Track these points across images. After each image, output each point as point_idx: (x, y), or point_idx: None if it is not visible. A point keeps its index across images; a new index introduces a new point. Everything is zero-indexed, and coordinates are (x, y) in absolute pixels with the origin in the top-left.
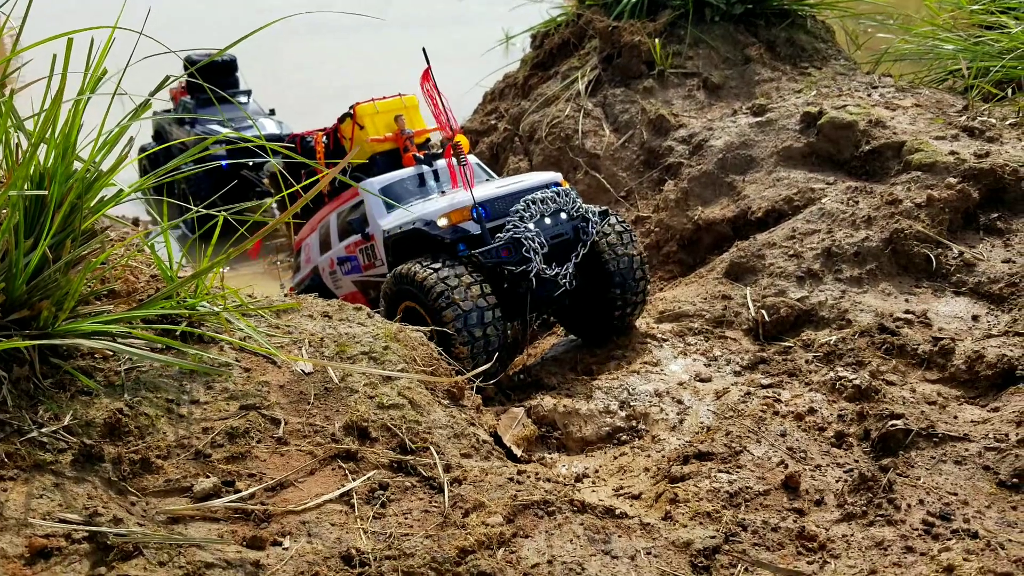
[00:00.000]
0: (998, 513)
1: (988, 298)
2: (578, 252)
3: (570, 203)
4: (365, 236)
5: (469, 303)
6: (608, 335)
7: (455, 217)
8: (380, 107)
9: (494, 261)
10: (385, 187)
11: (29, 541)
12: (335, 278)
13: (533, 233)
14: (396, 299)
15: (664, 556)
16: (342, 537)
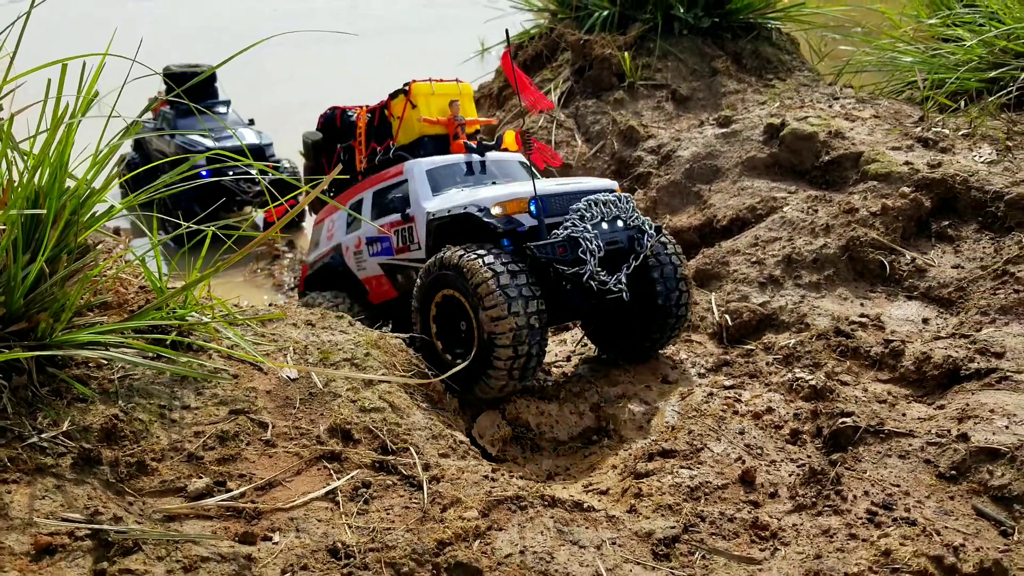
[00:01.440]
0: (936, 503)
1: (938, 302)
2: (630, 263)
3: (629, 211)
4: (405, 217)
5: (515, 291)
6: (640, 355)
7: (511, 207)
8: (437, 89)
9: (548, 257)
10: (431, 169)
11: (34, 539)
12: (360, 259)
13: (592, 235)
14: (434, 286)
15: (628, 545)
16: (328, 532)
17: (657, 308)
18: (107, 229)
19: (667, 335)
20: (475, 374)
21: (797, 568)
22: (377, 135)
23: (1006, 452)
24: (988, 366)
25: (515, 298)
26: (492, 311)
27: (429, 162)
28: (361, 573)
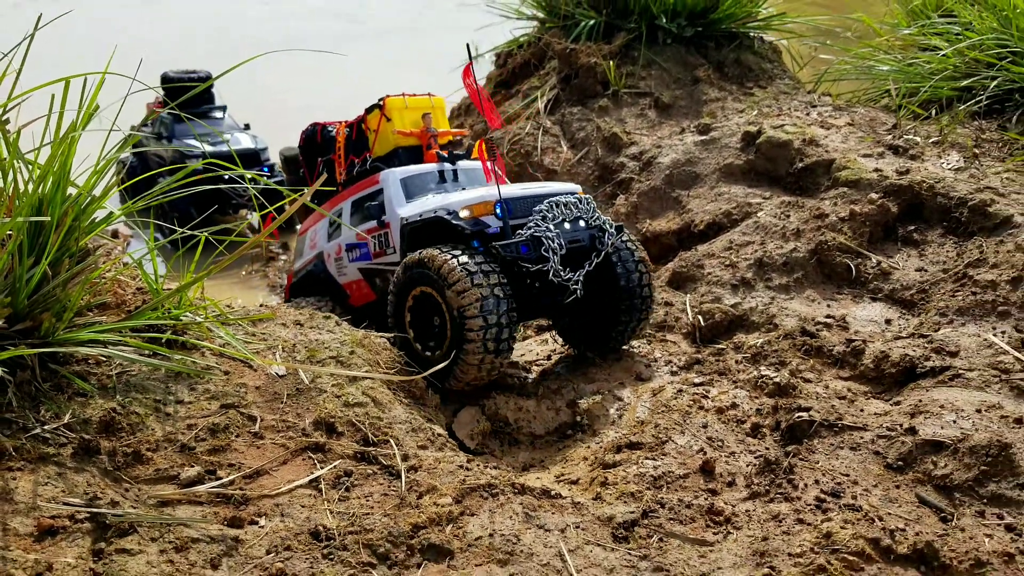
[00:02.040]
0: (882, 491)
1: (901, 303)
2: (592, 260)
3: (590, 212)
4: (380, 223)
5: (487, 289)
6: (606, 350)
7: (478, 210)
8: (410, 103)
9: (513, 256)
10: (406, 178)
11: (37, 521)
12: (340, 265)
13: (553, 234)
14: (409, 284)
15: (590, 529)
16: (311, 516)
17: (620, 291)
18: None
19: (635, 319)
20: (451, 361)
21: (745, 549)
22: (355, 148)
23: (950, 444)
24: (942, 364)
25: (482, 285)
26: (457, 286)
27: (403, 171)
28: (340, 553)
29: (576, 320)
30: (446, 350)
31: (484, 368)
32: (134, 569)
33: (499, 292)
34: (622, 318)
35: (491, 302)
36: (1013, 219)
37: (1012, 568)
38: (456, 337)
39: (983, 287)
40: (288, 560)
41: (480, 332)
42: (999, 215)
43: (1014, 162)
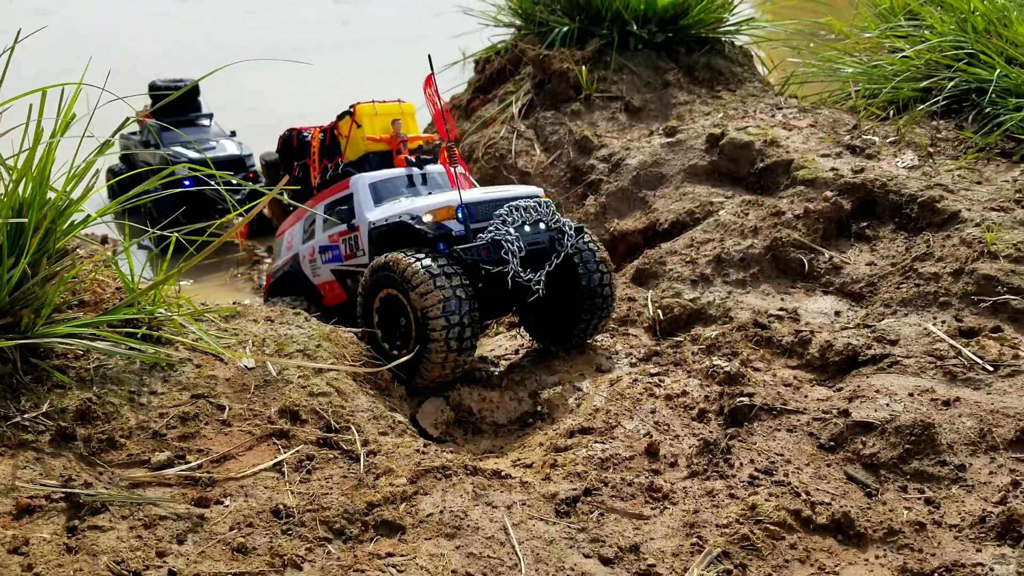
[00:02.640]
0: (813, 469)
1: (850, 296)
2: (552, 261)
3: (549, 215)
4: (350, 227)
5: (449, 291)
6: (569, 346)
7: (440, 215)
8: (379, 109)
9: (474, 259)
10: (375, 182)
11: (16, 501)
12: (314, 266)
13: (513, 237)
14: (376, 287)
15: (535, 505)
16: (273, 497)
17: (582, 291)
18: (95, 238)
19: (597, 316)
20: (417, 359)
21: (678, 522)
22: (328, 153)
23: (878, 425)
24: (883, 352)
25: (444, 287)
26: (420, 288)
27: (372, 176)
28: (299, 529)
29: (541, 317)
30: (411, 349)
31: (448, 366)
32: (105, 544)
33: (461, 293)
34: (584, 316)
35: (453, 303)
36: (960, 214)
37: (922, 535)
38: (421, 336)
39: (926, 279)
40: (249, 536)
41: (443, 332)
42: (947, 211)
43: (966, 160)
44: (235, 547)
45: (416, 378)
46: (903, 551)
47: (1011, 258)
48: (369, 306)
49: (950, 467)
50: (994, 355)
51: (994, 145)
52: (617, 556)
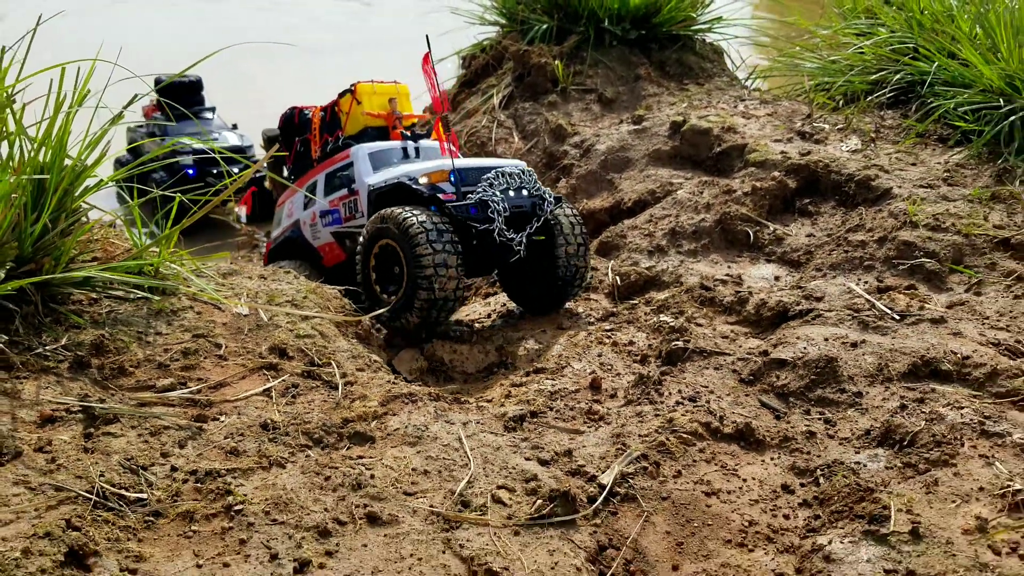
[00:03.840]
0: (732, 398)
1: (790, 263)
2: (533, 224)
3: (532, 183)
4: (351, 191)
5: (439, 244)
6: (546, 308)
7: (435, 177)
8: (378, 88)
9: (463, 216)
10: (374, 152)
11: (40, 412)
12: (315, 230)
13: (499, 199)
14: (376, 237)
15: (487, 423)
16: (262, 415)
17: (560, 264)
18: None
19: (573, 281)
20: (405, 304)
21: (607, 435)
22: (329, 128)
23: (791, 362)
24: (809, 307)
25: (435, 240)
26: (414, 240)
27: (371, 146)
28: (283, 438)
29: (521, 280)
30: (402, 295)
31: (432, 312)
32: (117, 446)
33: (450, 248)
34: (559, 281)
35: (442, 256)
36: (892, 191)
37: (812, 442)
38: (411, 283)
39: (855, 246)
40: (240, 442)
41: (431, 280)
42: (880, 188)
43: (905, 144)
44: (228, 450)
45: (403, 319)
46: (794, 454)
47: (929, 227)
48: (367, 254)
49: (848, 394)
50: (902, 307)
51: (933, 132)
52: (553, 459)
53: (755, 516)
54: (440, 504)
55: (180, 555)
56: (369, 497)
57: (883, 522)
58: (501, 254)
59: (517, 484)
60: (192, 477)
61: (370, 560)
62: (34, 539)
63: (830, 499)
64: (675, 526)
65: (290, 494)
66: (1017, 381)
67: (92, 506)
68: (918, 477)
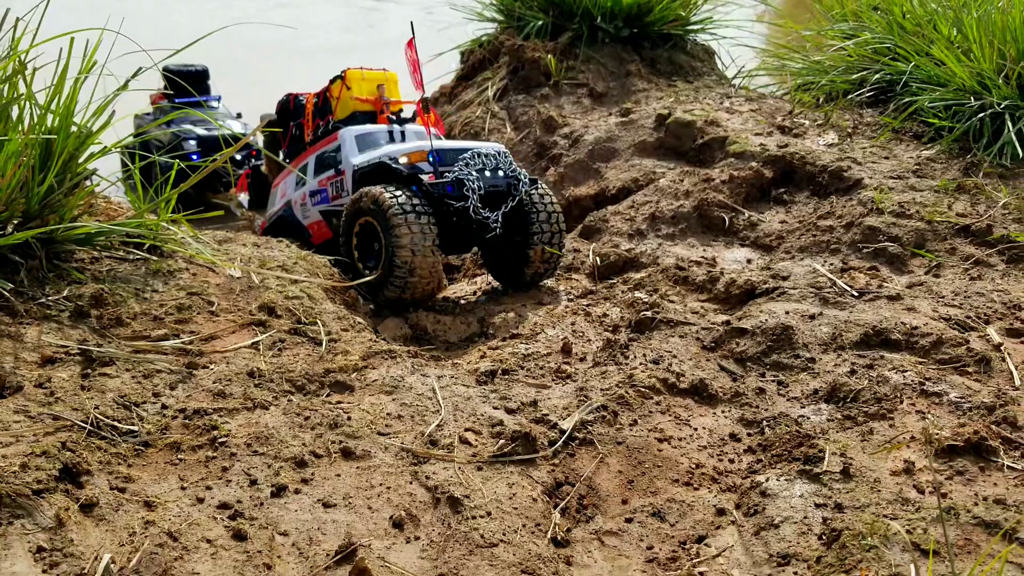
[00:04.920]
0: (693, 361)
1: (762, 248)
2: (507, 204)
3: (507, 164)
4: (337, 171)
5: (417, 225)
6: (522, 285)
7: (414, 157)
8: (367, 75)
9: (440, 194)
10: (360, 134)
11: (41, 354)
12: (305, 209)
13: (474, 178)
14: (356, 215)
15: (460, 377)
16: (249, 364)
17: (535, 242)
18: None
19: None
20: (383, 280)
21: (572, 389)
22: (321, 113)
23: (750, 331)
24: (775, 286)
25: (412, 218)
26: (393, 219)
27: (358, 129)
28: (268, 384)
29: (499, 257)
30: (381, 270)
31: (408, 289)
32: (112, 385)
33: (426, 226)
34: (534, 258)
35: (419, 233)
36: (863, 181)
37: (761, 397)
38: (389, 260)
39: (823, 231)
40: (228, 386)
41: (407, 257)
42: (852, 178)
43: (880, 140)
44: (215, 393)
45: (379, 296)
46: (744, 407)
47: (894, 213)
48: (349, 231)
49: (802, 359)
50: (862, 285)
51: (908, 129)
52: (519, 408)
53: (702, 460)
54: (411, 443)
55: (166, 478)
56: (345, 435)
57: (817, 463)
58: (478, 232)
59: (484, 428)
60: (181, 414)
61: (342, 487)
62: (32, 456)
63: (772, 445)
64: (627, 467)
65: (271, 431)
66: (960, 349)
67: (87, 434)
68: (855, 428)
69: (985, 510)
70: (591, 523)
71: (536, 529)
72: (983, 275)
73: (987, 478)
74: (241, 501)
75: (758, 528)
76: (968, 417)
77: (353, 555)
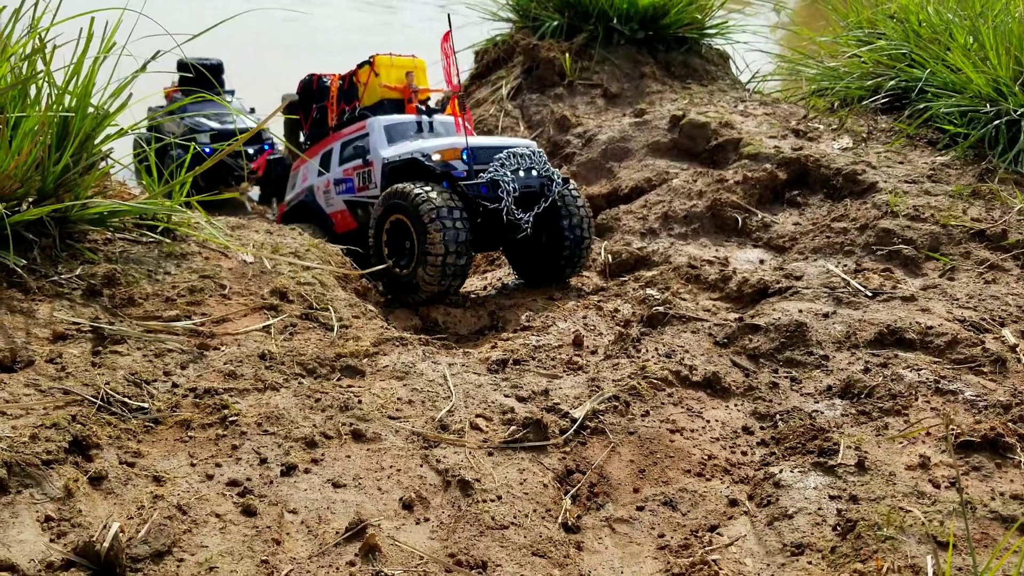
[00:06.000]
0: (706, 356)
1: (775, 248)
2: (540, 204)
3: (541, 163)
4: (365, 162)
5: (450, 221)
6: (549, 282)
7: (448, 155)
8: (396, 61)
9: (474, 195)
10: (389, 125)
11: (52, 330)
12: (328, 197)
13: (509, 179)
14: (388, 211)
15: (472, 365)
16: (260, 347)
17: (566, 240)
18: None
19: (576, 257)
20: (414, 277)
21: (584, 380)
22: (346, 98)
23: (763, 327)
24: (788, 285)
25: (446, 217)
26: (425, 216)
27: (387, 119)
28: (279, 367)
29: (527, 255)
30: (412, 268)
31: (442, 285)
32: (123, 363)
33: (459, 225)
34: (564, 256)
35: (451, 232)
36: (877, 185)
37: (775, 391)
38: (421, 258)
39: (837, 233)
40: (239, 367)
41: (440, 257)
42: (866, 181)
43: (895, 145)
44: (226, 373)
45: (413, 295)
46: (757, 401)
47: (909, 216)
48: (380, 228)
49: (816, 357)
50: (876, 286)
51: (923, 136)
52: (530, 396)
53: (715, 452)
54: (421, 427)
55: (176, 455)
56: (355, 418)
57: (832, 455)
58: (508, 231)
59: (494, 415)
60: (191, 393)
61: (352, 469)
62: (41, 428)
63: (786, 438)
64: (639, 456)
65: (282, 411)
66: (975, 349)
67: (96, 409)
68: (870, 423)
69: (1002, 504)
70: (602, 510)
71: (546, 514)
72: (998, 279)
73: (1003, 474)
74: (251, 479)
75: (771, 518)
76: (984, 415)
77: (363, 532)
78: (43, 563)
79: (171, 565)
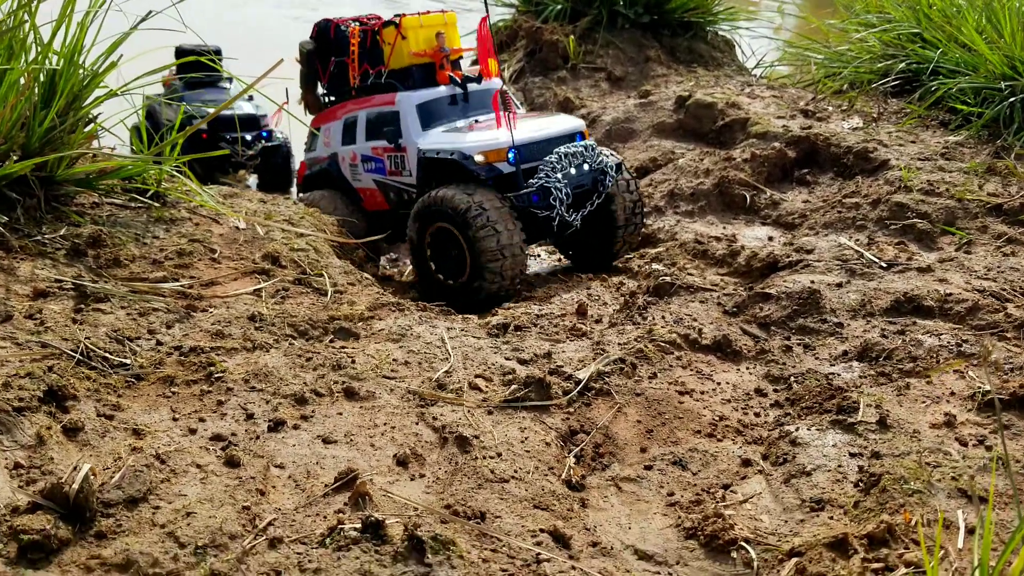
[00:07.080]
0: (714, 324)
1: (783, 226)
2: (593, 201)
3: (594, 156)
4: (397, 147)
5: (501, 225)
6: (599, 266)
7: (491, 156)
8: (424, 21)
9: (524, 205)
10: (422, 103)
11: (33, 288)
12: (355, 171)
13: (562, 185)
14: (429, 219)
15: (471, 330)
16: (250, 309)
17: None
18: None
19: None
20: (475, 286)
21: (588, 344)
22: (370, 57)
23: (774, 296)
24: (798, 259)
25: (497, 222)
26: (476, 223)
27: (419, 96)
28: (269, 328)
29: (575, 242)
30: (467, 279)
31: (505, 288)
32: (105, 320)
33: (511, 226)
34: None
35: (505, 236)
36: (889, 162)
37: (788, 355)
38: (476, 268)
39: (849, 208)
40: (227, 327)
41: (499, 263)
42: (878, 159)
43: (906, 125)
44: (214, 333)
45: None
46: (770, 364)
47: (923, 191)
48: (421, 237)
49: (830, 324)
50: (890, 257)
51: (935, 117)
52: (532, 359)
53: (726, 413)
54: (418, 387)
55: (157, 410)
56: (348, 377)
57: (851, 413)
58: (559, 230)
59: (494, 376)
60: (176, 351)
61: (344, 425)
62: (15, 377)
63: (801, 399)
64: (646, 417)
65: (271, 369)
66: (998, 315)
67: (76, 363)
68: (890, 384)
69: None
70: (607, 470)
71: (549, 472)
72: (1017, 252)
73: None
74: (236, 434)
75: (788, 476)
76: (1011, 376)
77: (352, 482)
78: (8, 507)
79: (146, 511)
